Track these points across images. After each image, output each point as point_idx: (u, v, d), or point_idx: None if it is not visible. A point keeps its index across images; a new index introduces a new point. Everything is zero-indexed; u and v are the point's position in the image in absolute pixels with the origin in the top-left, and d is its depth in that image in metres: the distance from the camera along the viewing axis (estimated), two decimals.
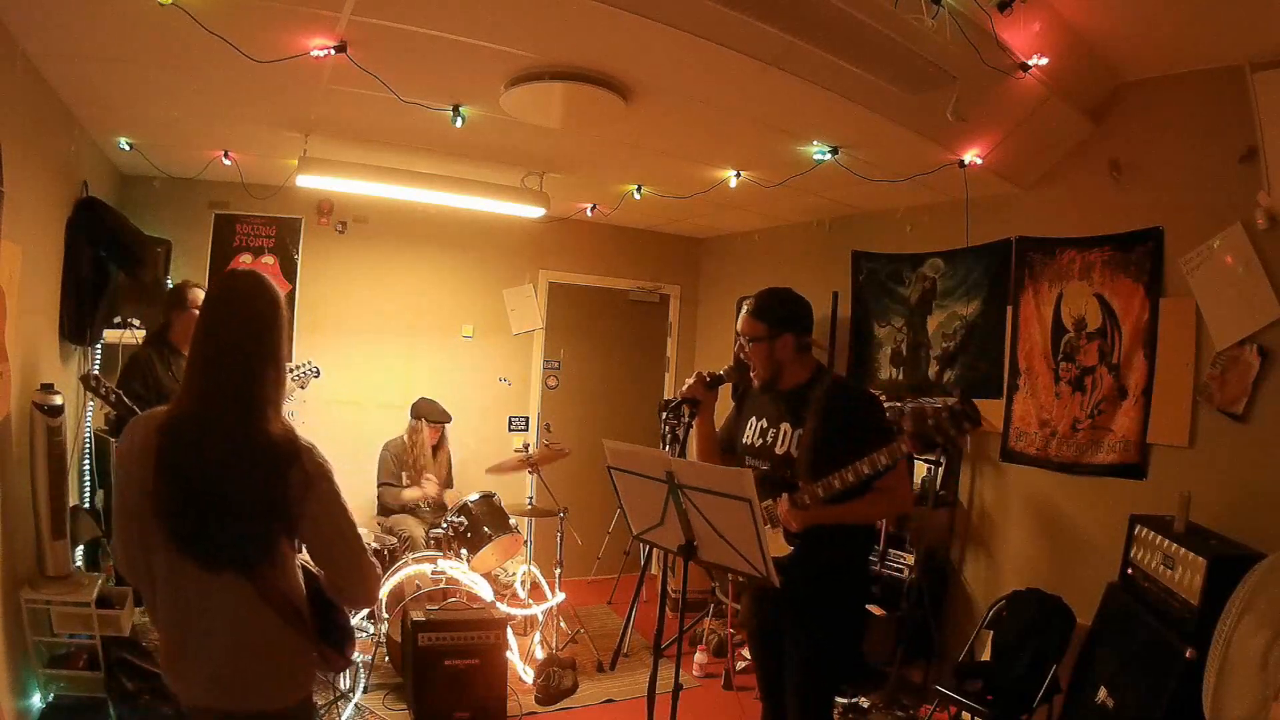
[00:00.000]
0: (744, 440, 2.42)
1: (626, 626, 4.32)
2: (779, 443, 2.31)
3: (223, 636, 1.47)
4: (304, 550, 1.59)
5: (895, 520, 3.83)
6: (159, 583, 1.49)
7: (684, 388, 2.44)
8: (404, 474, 4.65)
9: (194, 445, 1.44)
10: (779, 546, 2.18)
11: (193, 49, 2.50)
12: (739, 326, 2.38)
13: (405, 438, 4.71)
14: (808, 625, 2.25)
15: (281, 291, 1.58)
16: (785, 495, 2.17)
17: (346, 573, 1.55)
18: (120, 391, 2.87)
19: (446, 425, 4.79)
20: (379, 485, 4.66)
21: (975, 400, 3.65)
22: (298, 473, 1.45)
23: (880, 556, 3.80)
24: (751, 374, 2.38)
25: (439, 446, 4.78)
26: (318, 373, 4.21)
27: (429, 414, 4.68)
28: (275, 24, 2.39)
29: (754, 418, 2.42)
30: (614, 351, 6.00)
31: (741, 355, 2.38)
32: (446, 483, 4.82)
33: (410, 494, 4.57)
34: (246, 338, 1.49)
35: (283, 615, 1.49)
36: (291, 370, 4.20)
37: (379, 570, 1.57)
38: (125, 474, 1.51)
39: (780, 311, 2.32)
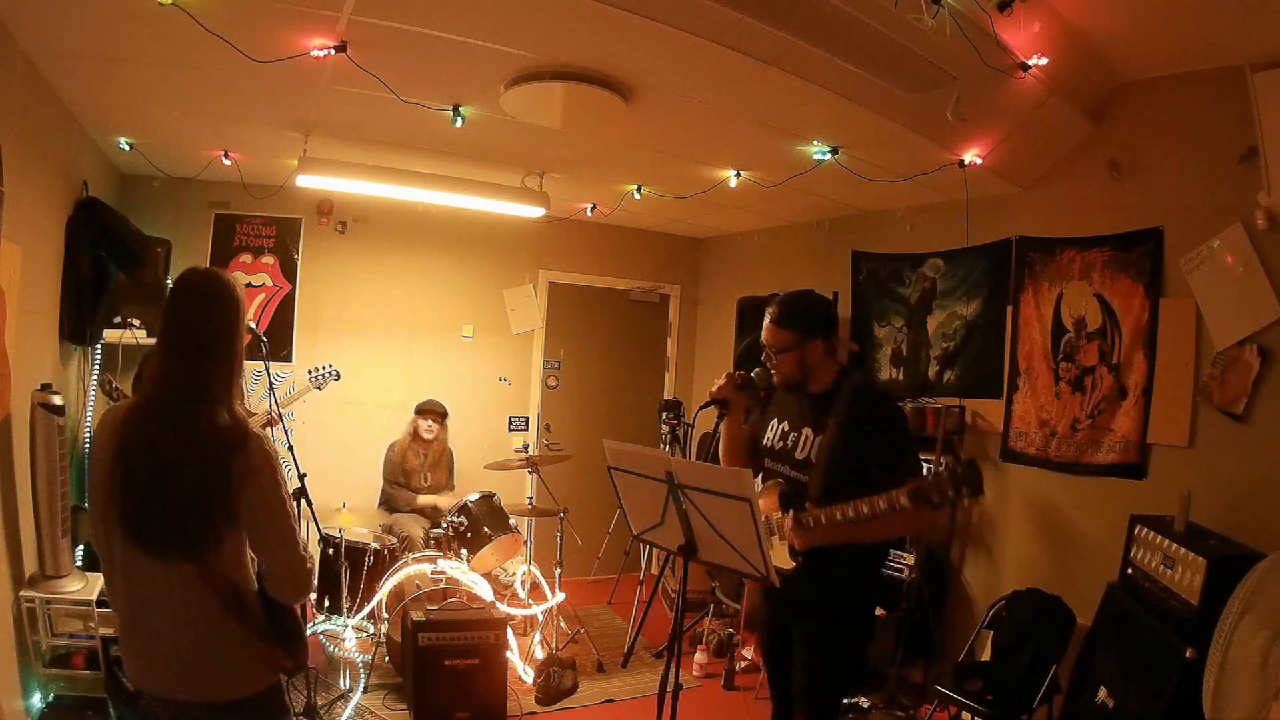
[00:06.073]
0: (764, 442, 2.39)
1: (639, 627, 4.32)
2: (799, 447, 2.27)
3: (168, 624, 1.51)
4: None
5: None
6: (115, 570, 1.54)
7: (714, 388, 2.37)
8: (410, 475, 4.68)
9: (145, 434, 1.49)
10: (783, 559, 2.16)
11: (193, 49, 2.50)
12: (764, 337, 2.30)
13: (407, 438, 4.76)
14: (816, 630, 2.24)
15: (239, 286, 1.63)
16: (791, 513, 2.14)
17: (274, 559, 1.57)
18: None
19: (446, 421, 4.81)
20: (387, 483, 4.70)
21: (975, 400, 3.72)
22: (241, 459, 1.48)
23: None
24: (775, 378, 2.32)
25: (438, 443, 4.80)
26: (337, 375, 4.24)
27: (424, 406, 4.76)
28: (275, 24, 2.39)
29: (776, 419, 2.38)
30: (614, 351, 6.00)
31: (769, 365, 2.31)
32: (448, 484, 4.84)
33: (424, 499, 4.62)
34: (197, 332, 1.54)
35: (227, 606, 1.51)
36: (310, 372, 4.22)
37: (311, 564, 1.63)
38: (94, 463, 1.58)
39: (807, 317, 2.25)
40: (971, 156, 3.24)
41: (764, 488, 2.30)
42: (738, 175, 3.90)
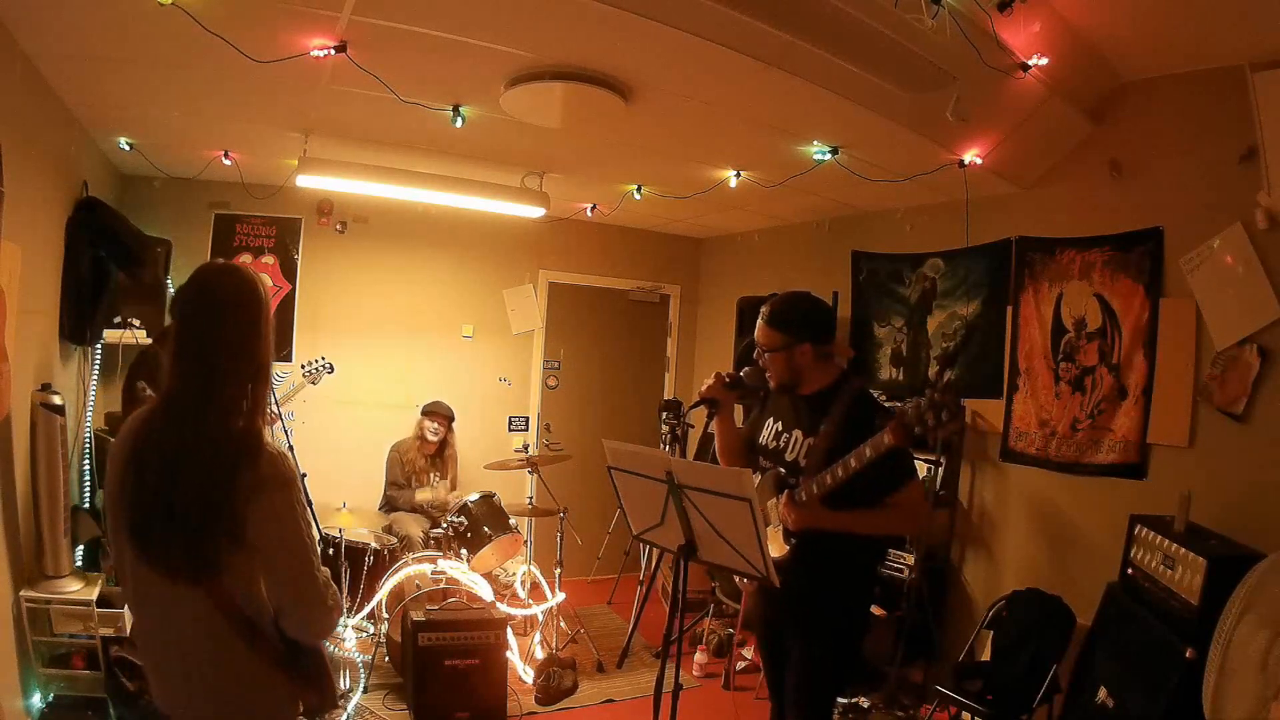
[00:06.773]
0: (760, 441, 2.39)
1: (635, 626, 4.33)
2: (790, 448, 2.27)
3: (177, 644, 1.39)
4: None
5: None
6: (128, 583, 1.43)
7: (703, 387, 2.36)
8: (412, 476, 4.69)
9: (155, 441, 1.37)
10: (777, 547, 2.18)
11: (193, 49, 2.50)
12: (756, 335, 2.29)
13: (413, 439, 4.80)
14: (806, 625, 2.24)
15: (262, 284, 1.49)
16: (786, 492, 2.16)
17: (286, 591, 1.41)
18: None
19: (453, 425, 4.83)
20: (388, 485, 4.72)
21: (975, 400, 3.72)
22: (249, 474, 1.34)
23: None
24: (768, 378, 2.32)
25: (445, 444, 4.81)
26: (331, 368, 4.24)
27: (431, 408, 4.79)
28: (275, 24, 2.39)
29: (772, 419, 2.38)
30: (614, 351, 6.00)
31: (760, 362, 2.31)
32: (452, 484, 4.85)
33: (421, 495, 4.65)
34: (210, 330, 1.40)
35: (241, 634, 1.37)
36: (304, 366, 4.21)
37: (334, 599, 1.47)
38: (108, 469, 1.46)
39: (798, 319, 2.23)
40: (971, 156, 3.24)
41: (760, 480, 2.31)
42: (738, 175, 3.90)
